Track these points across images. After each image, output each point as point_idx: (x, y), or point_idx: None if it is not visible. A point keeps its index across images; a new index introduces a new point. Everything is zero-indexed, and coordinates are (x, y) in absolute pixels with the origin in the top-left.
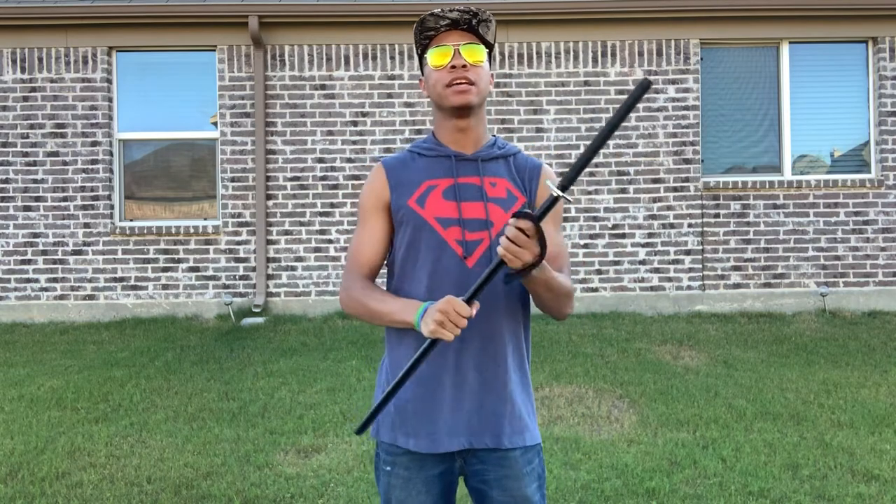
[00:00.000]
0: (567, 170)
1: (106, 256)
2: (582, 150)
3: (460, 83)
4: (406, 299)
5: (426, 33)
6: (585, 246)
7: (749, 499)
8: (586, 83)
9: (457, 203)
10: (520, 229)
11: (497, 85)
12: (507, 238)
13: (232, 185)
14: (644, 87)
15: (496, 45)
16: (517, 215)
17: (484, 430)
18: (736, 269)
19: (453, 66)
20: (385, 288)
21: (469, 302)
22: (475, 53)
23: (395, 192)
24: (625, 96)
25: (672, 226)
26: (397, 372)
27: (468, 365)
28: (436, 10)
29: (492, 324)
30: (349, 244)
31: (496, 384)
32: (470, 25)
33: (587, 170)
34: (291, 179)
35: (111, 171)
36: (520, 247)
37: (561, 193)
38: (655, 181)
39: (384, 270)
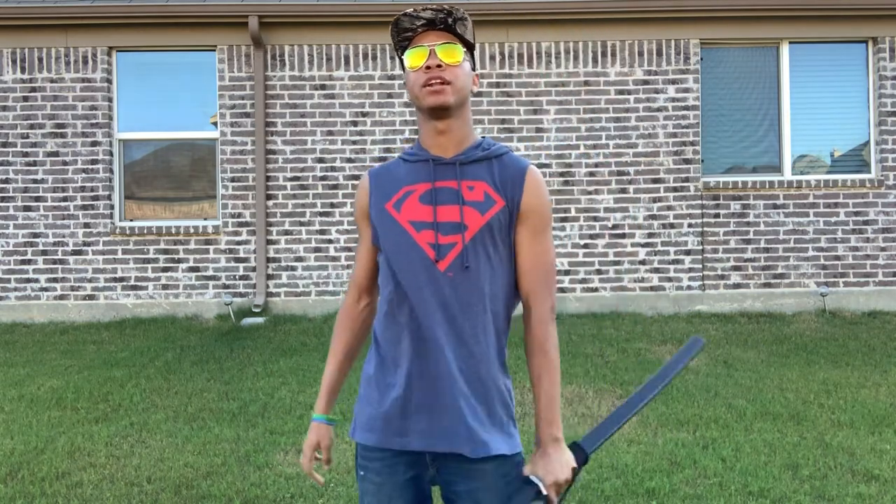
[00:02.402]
0: (595, 429)
1: (106, 256)
2: (614, 407)
3: (435, 83)
4: (328, 385)
5: (403, 34)
6: (585, 246)
7: (749, 499)
8: (586, 83)
9: (433, 207)
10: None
11: (497, 85)
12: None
13: (232, 185)
14: (698, 346)
15: (487, 44)
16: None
17: (451, 436)
18: (736, 269)
19: (428, 67)
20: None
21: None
22: (452, 53)
23: (374, 198)
24: (624, 96)
25: (672, 226)
26: (382, 369)
27: (436, 369)
28: (409, 11)
29: (457, 327)
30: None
31: (481, 391)
32: (446, 25)
33: (587, 169)
34: (291, 179)
35: (111, 171)
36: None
37: (576, 470)
38: (655, 181)
39: None
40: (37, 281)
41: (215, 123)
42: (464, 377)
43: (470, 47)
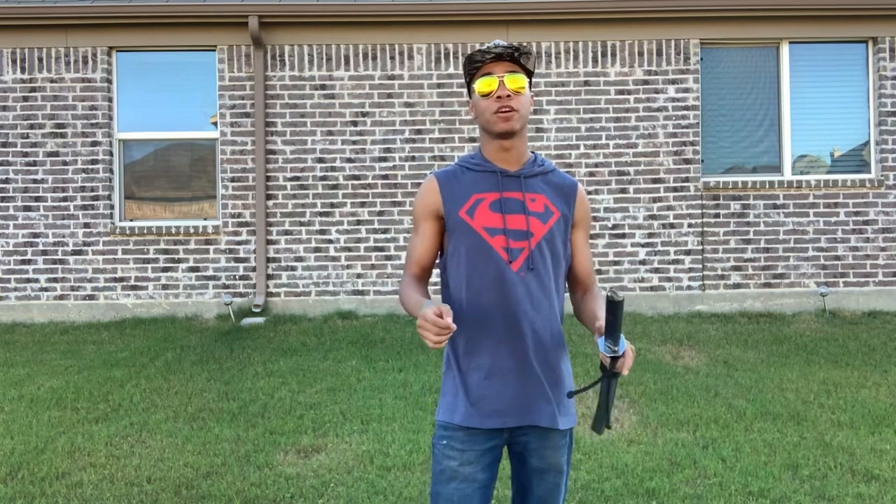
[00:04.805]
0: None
1: (106, 256)
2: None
3: (506, 111)
4: (420, 298)
5: (474, 64)
6: None
7: (749, 499)
8: (586, 83)
9: (502, 215)
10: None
11: None
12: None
13: (232, 185)
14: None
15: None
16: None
17: (532, 413)
18: (736, 269)
19: (499, 96)
20: (442, 291)
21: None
22: (517, 81)
23: (448, 203)
24: (624, 96)
25: (672, 226)
26: (461, 359)
27: (515, 356)
28: (481, 47)
29: (530, 319)
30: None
31: (552, 373)
32: (513, 57)
33: (587, 169)
34: (291, 179)
35: (111, 171)
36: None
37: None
38: (655, 181)
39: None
40: (37, 281)
41: (215, 123)
42: (538, 362)
43: (530, 75)
